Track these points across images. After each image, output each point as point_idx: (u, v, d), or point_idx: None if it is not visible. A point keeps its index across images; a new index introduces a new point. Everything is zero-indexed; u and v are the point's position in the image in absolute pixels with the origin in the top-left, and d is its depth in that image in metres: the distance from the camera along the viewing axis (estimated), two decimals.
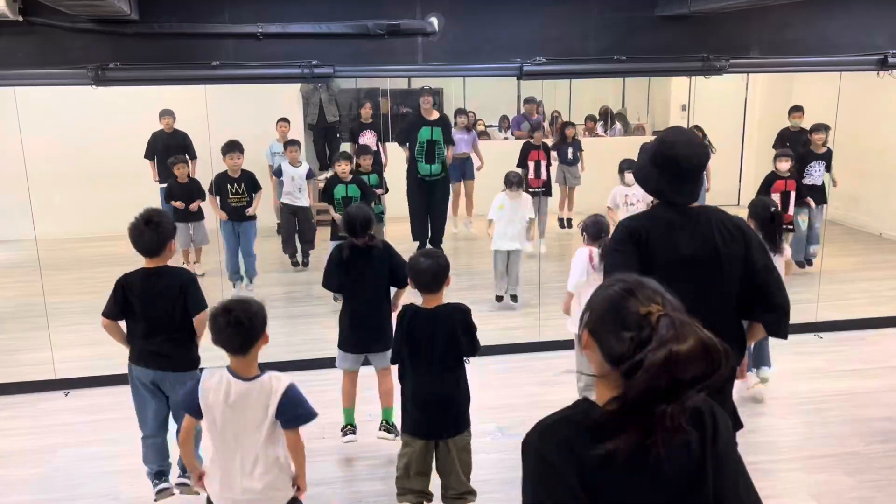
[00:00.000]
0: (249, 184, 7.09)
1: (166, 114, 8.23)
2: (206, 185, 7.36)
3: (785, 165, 7.12)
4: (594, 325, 1.55)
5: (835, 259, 7.63)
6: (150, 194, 8.52)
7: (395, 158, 8.46)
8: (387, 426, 4.42)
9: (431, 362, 3.47)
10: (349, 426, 4.46)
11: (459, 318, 3.50)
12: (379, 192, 7.39)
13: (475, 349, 3.56)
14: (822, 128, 7.56)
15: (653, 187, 2.90)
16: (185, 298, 3.65)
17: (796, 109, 8.52)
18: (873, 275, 7.92)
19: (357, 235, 4.19)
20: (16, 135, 5.30)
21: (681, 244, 2.74)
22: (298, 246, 8.13)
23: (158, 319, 3.66)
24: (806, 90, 9.93)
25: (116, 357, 5.70)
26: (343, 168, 6.70)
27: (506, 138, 11.47)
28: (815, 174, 7.62)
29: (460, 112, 9.26)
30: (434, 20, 5.13)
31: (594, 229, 4.81)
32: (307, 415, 2.85)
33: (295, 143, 8.12)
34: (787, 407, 5.04)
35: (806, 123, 8.32)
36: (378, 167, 7.61)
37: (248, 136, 8.87)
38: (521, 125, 10.79)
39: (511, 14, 5.26)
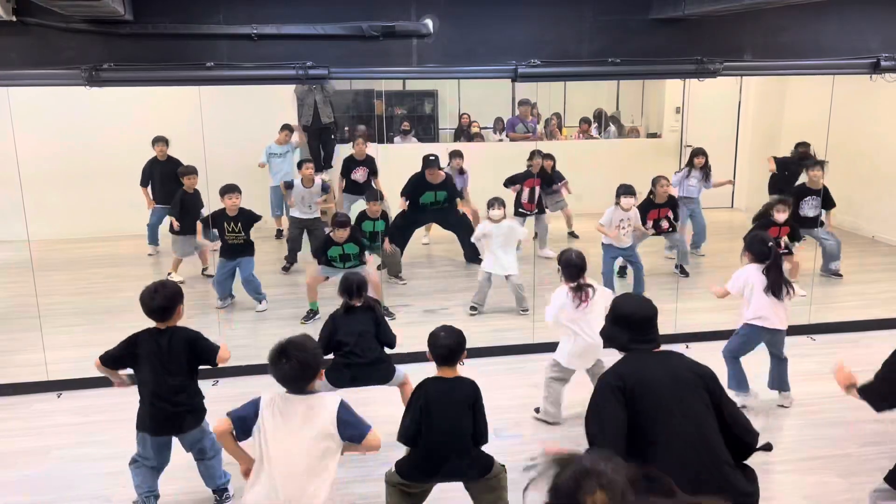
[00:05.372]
0: (246, 222, 6.92)
1: (159, 141, 8.30)
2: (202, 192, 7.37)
3: (782, 217, 6.97)
4: None
5: None
6: (143, 196, 8.53)
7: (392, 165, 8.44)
8: None
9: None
10: None
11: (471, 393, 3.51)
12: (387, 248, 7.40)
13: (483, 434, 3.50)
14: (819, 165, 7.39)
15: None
16: None
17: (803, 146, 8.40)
18: (866, 277, 7.95)
19: (352, 298, 4.53)
20: (9, 135, 5.29)
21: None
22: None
23: None
24: (799, 93, 9.99)
25: None
26: (340, 235, 6.47)
27: (500, 140, 11.48)
28: (808, 208, 7.56)
29: (455, 154, 8.73)
30: (429, 22, 5.13)
31: (569, 272, 4.78)
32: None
33: (308, 161, 8.15)
34: (780, 409, 5.06)
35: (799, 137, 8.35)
36: (384, 213, 7.44)
37: (242, 137, 8.89)
38: (515, 127, 10.81)
39: (506, 16, 5.27)
